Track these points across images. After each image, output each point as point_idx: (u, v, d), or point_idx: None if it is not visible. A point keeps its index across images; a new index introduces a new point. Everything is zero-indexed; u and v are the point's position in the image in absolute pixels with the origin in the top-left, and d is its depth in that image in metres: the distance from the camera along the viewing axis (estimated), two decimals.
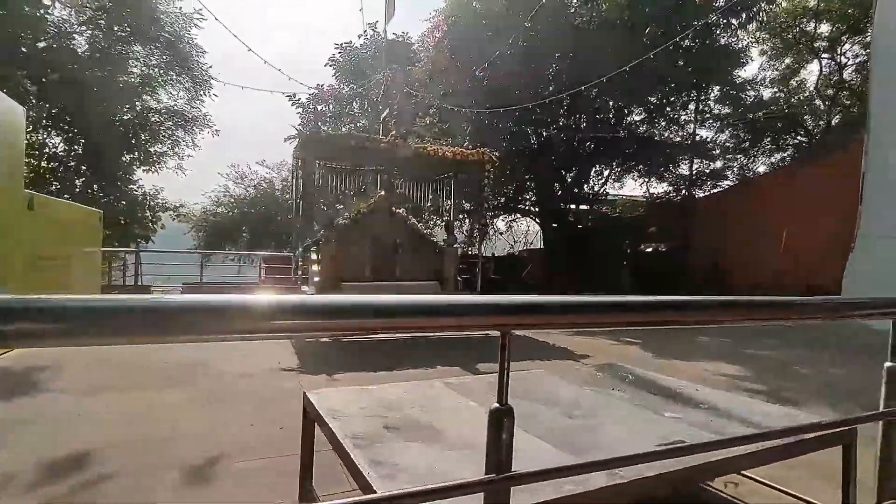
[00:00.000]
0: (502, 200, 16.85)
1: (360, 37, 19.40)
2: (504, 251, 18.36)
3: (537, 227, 17.62)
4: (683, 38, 11.99)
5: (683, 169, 16.72)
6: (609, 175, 16.96)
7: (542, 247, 16.78)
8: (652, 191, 17.49)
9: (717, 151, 17.93)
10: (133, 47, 14.51)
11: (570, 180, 16.28)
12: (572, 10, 13.69)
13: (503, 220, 18.74)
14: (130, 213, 15.16)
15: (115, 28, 13.85)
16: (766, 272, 12.55)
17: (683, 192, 16.61)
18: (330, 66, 18.65)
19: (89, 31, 13.88)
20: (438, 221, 10.88)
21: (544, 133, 14.39)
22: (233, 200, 21.25)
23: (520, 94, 12.47)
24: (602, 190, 17.22)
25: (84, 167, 14.45)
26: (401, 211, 9.43)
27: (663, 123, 16.37)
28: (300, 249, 8.95)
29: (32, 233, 6.16)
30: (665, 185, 17.08)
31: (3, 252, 5.45)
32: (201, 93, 16.35)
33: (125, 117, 14.77)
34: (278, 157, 32.35)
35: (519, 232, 19.05)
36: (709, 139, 17.77)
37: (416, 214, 11.41)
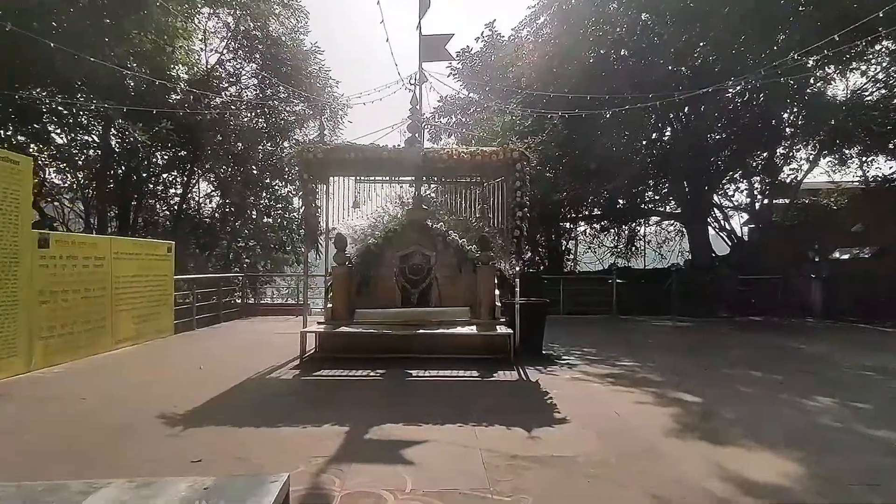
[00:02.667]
0: (632, 203, 15.67)
1: (477, 40, 19.34)
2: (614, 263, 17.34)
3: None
4: None
5: None
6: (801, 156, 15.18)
7: (689, 257, 15.31)
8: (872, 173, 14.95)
9: None
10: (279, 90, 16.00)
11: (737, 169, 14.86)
12: None
13: (634, 227, 18.04)
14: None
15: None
16: None
17: None
18: (453, 75, 18.61)
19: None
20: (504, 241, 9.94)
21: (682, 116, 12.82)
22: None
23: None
24: (790, 177, 15.40)
25: None
26: (438, 226, 8.72)
27: None
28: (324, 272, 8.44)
29: (41, 270, 6.42)
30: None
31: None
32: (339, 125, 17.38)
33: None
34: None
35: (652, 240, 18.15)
36: None
37: (461, 228, 10.67)
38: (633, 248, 18.60)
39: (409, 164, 7.28)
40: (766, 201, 16.02)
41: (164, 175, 16.18)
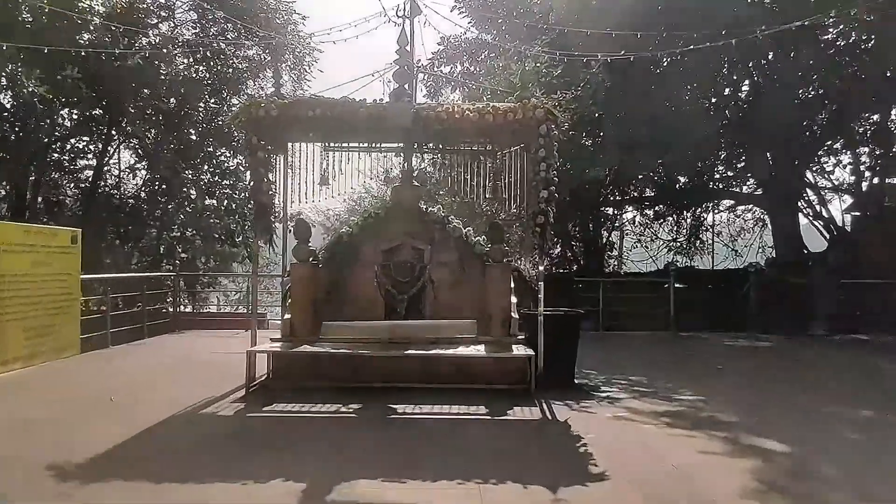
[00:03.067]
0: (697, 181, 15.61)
1: None
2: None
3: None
4: None
5: None
6: None
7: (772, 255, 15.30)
8: None
9: None
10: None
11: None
12: None
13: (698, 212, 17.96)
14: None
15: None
16: None
17: None
18: (458, 9, 18.29)
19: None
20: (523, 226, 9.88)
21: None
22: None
23: None
24: None
25: None
26: (435, 210, 8.68)
27: None
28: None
29: None
30: None
31: None
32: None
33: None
34: None
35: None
36: None
37: (466, 213, 10.53)
38: (698, 241, 18.49)
39: (395, 126, 7.14)
40: (876, 180, 15.80)
41: (73, 141, 16.12)
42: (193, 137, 16.63)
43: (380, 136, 7.75)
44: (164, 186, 16.73)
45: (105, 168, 16.55)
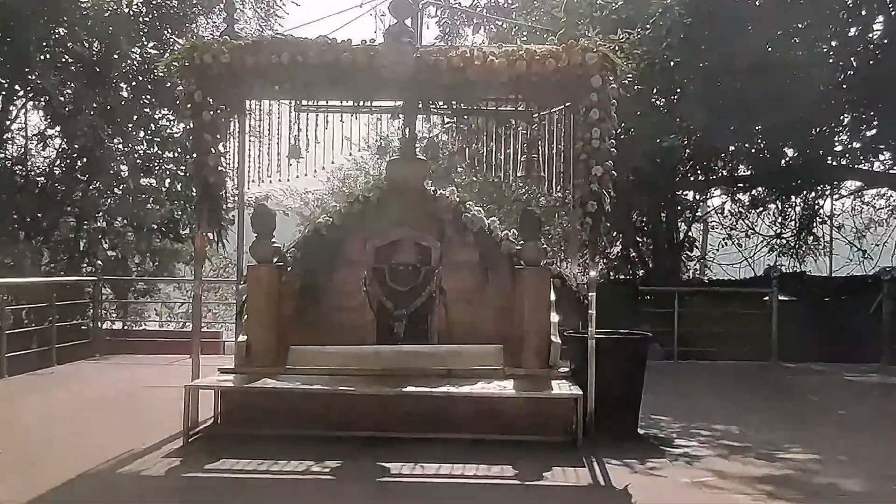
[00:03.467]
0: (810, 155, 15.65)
1: None
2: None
3: None
4: None
5: None
6: None
7: None
8: None
9: None
10: None
11: None
12: None
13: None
14: None
15: None
16: None
17: None
18: None
19: None
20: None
21: None
22: None
23: None
24: None
25: None
26: (447, 193, 8.69)
27: None
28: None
29: None
30: None
31: None
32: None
33: None
34: None
35: None
36: None
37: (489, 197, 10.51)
38: (811, 238, 18.32)
39: (391, 77, 7.08)
40: None
41: None
42: (124, 94, 16.76)
43: (371, 91, 7.63)
44: (84, 160, 16.79)
45: (5, 135, 16.67)
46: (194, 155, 7.37)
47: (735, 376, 11.61)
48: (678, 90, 13.79)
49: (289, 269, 7.93)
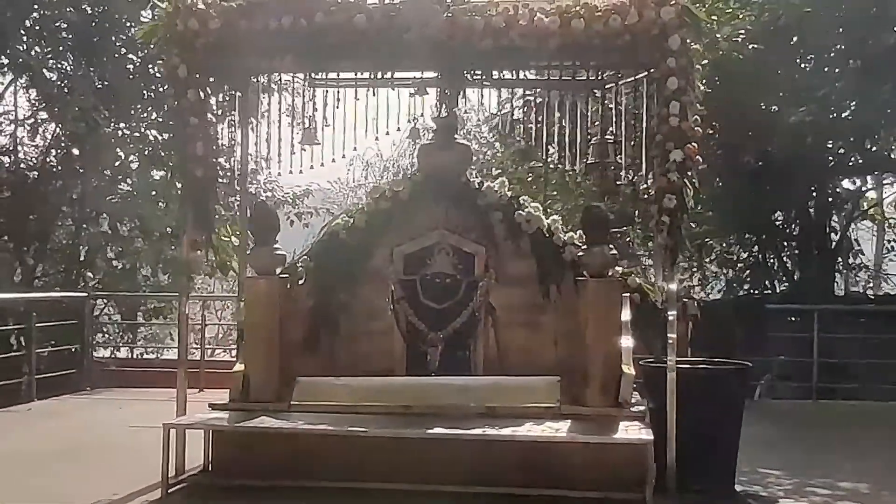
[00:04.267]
0: None
1: None
2: None
3: None
4: None
5: None
6: None
7: None
8: None
9: None
10: None
11: None
12: None
13: None
14: None
15: None
16: None
17: None
18: None
19: None
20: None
21: None
22: None
23: None
24: None
25: None
26: (494, 186, 8.73)
27: None
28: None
29: None
30: None
31: None
32: None
33: None
34: None
35: None
36: None
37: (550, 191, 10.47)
38: None
39: (418, 41, 7.19)
40: None
41: None
42: (129, 69, 17.24)
43: (394, 60, 7.73)
44: (81, 149, 17.37)
45: None
46: (174, 141, 7.59)
47: (887, 421, 11.37)
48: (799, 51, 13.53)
49: (300, 282, 8.08)
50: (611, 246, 7.68)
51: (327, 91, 8.32)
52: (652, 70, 7.27)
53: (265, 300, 7.78)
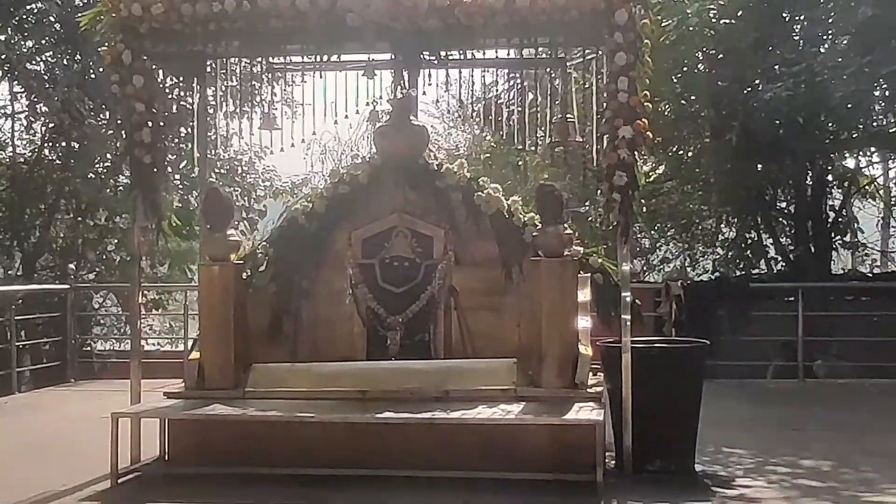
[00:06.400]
0: None
1: None
2: None
3: None
4: None
5: None
6: None
7: None
8: None
9: None
10: None
11: None
12: None
13: None
14: None
15: None
16: None
17: None
18: None
19: None
20: None
21: None
22: None
23: None
24: None
25: None
26: (454, 168, 8.70)
27: None
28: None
29: None
30: None
31: None
32: None
33: None
34: None
35: None
36: None
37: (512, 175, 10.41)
38: None
39: (360, 24, 7.17)
40: None
41: None
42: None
43: (339, 42, 7.76)
44: (84, 142, 17.25)
45: None
46: (121, 128, 7.60)
47: (872, 398, 11.33)
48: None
49: (259, 269, 8.08)
50: (565, 225, 7.64)
51: (284, 75, 8.30)
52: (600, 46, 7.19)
53: (219, 287, 7.76)
